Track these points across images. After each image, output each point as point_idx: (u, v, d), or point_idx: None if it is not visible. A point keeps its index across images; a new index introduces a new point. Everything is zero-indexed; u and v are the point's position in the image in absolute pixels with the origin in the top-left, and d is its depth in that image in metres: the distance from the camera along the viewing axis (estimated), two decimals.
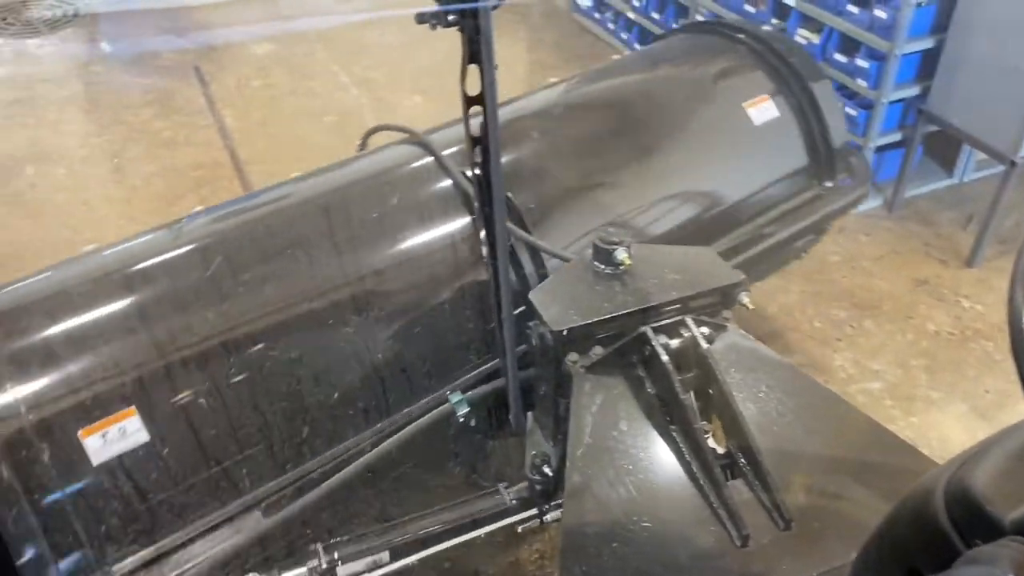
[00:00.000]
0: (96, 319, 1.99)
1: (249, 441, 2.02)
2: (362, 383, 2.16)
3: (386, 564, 2.04)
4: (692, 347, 1.85)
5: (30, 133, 5.17)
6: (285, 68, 5.95)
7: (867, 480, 1.75)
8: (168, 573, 1.92)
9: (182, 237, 2.23)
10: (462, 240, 2.32)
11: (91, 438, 1.83)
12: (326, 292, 2.15)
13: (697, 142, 2.81)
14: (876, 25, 4.00)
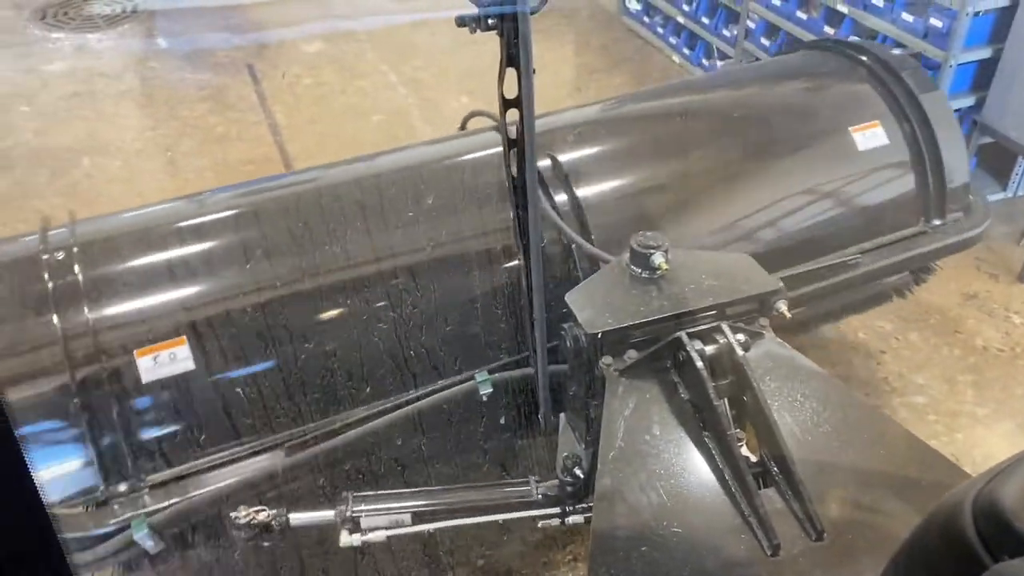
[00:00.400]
0: (166, 259, 2.23)
1: (281, 388, 2.18)
2: (395, 354, 2.26)
3: (406, 526, 2.10)
4: (727, 354, 1.84)
5: (88, 126, 5.31)
6: (335, 67, 6.03)
7: (904, 495, 1.72)
8: (192, 489, 2.08)
9: (253, 196, 2.49)
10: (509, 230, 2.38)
11: (144, 359, 2.05)
12: (376, 260, 2.30)
13: (792, 160, 2.75)
14: (931, 33, 3.93)
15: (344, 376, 2.23)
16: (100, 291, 2.11)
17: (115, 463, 2.05)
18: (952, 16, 3.80)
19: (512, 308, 2.32)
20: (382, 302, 2.25)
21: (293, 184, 2.63)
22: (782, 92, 2.98)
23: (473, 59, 6.00)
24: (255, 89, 5.77)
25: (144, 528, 1.99)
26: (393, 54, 6.23)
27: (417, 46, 6.35)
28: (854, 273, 2.66)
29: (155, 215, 2.43)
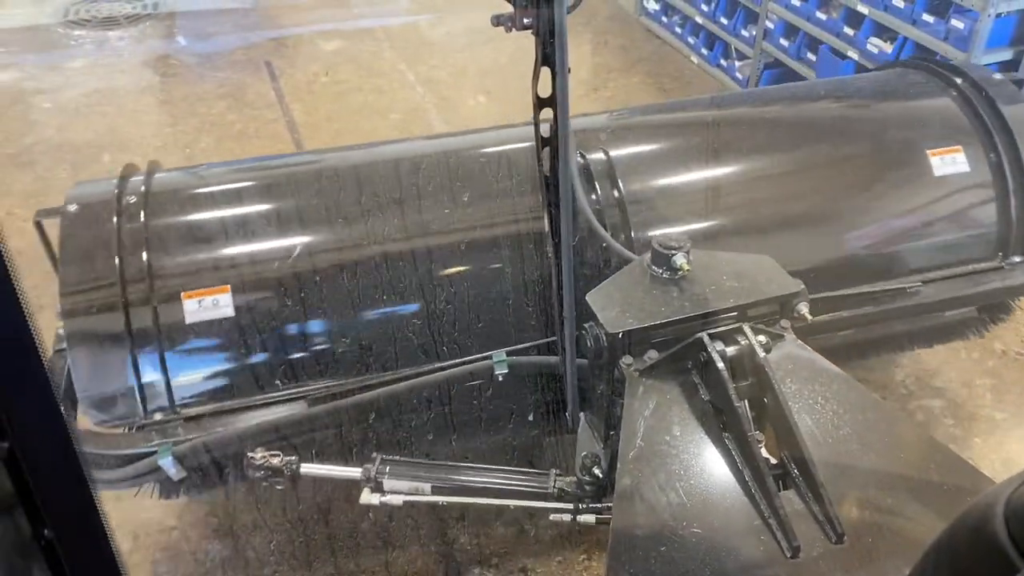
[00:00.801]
0: (221, 216, 2.42)
1: (311, 345, 2.32)
2: (421, 327, 2.36)
3: (424, 495, 2.20)
4: (748, 355, 1.84)
5: (108, 122, 5.35)
6: (353, 65, 6.05)
7: (924, 498, 1.72)
8: (218, 426, 2.23)
9: (312, 166, 2.68)
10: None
11: (189, 301, 2.23)
12: (413, 237, 2.41)
13: (858, 178, 2.66)
14: (952, 35, 3.91)
15: (370, 341, 2.34)
16: (160, 236, 2.31)
17: (154, 394, 2.23)
18: (974, 18, 3.78)
19: (540, 295, 2.38)
20: (414, 277, 2.36)
21: (351, 158, 2.76)
22: (859, 107, 2.89)
23: (490, 58, 6.01)
24: (273, 86, 5.80)
25: (168, 455, 2.14)
26: (410, 53, 6.24)
27: (434, 45, 6.37)
28: (912, 302, 2.56)
29: (221, 173, 2.65)
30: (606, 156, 2.54)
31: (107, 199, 2.34)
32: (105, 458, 2.17)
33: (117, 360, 2.20)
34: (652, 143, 2.73)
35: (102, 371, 2.22)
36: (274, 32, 6.60)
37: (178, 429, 2.22)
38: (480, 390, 2.38)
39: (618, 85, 5.80)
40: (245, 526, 2.83)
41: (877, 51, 4.32)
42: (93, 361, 2.21)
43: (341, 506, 2.89)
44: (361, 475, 2.17)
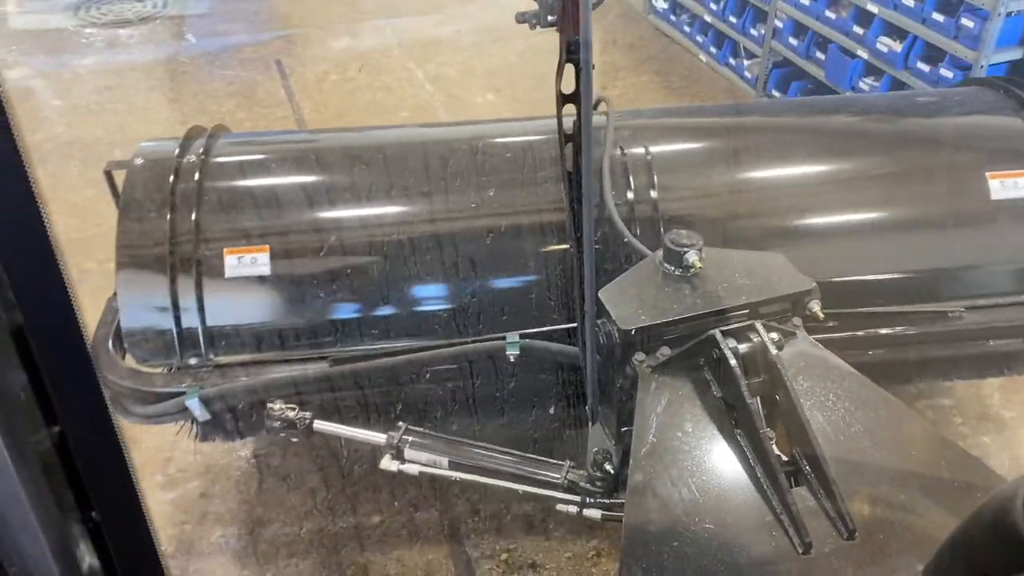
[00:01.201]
0: (269, 182, 2.57)
1: (338, 310, 2.45)
2: (444, 305, 2.47)
3: (440, 468, 2.30)
4: (761, 352, 1.85)
5: (119, 119, 5.38)
6: (362, 63, 6.07)
7: (935, 494, 1.73)
8: (245, 375, 2.38)
9: (360, 141, 2.82)
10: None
11: (231, 258, 2.38)
12: (448, 218, 2.51)
13: (908, 194, 2.59)
14: (962, 34, 3.90)
15: (393, 313, 2.45)
16: (210, 195, 2.47)
17: (190, 340, 2.39)
18: (984, 16, 3.78)
19: (565, 282, 2.42)
20: (442, 256, 2.45)
21: (397, 136, 2.87)
22: (918, 122, 2.82)
23: (498, 57, 6.02)
24: (283, 84, 5.82)
25: (195, 398, 2.30)
26: (418, 51, 6.25)
27: (442, 43, 6.38)
28: (952, 327, 2.47)
29: (275, 142, 2.85)
30: (646, 151, 2.54)
31: (168, 157, 2.50)
32: (142, 394, 2.35)
33: (160, 306, 2.36)
34: (691, 142, 2.71)
35: (146, 315, 2.38)
36: (283, 31, 6.62)
37: (208, 375, 2.38)
38: (498, 373, 2.45)
39: (627, 84, 5.80)
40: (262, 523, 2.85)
41: (887, 50, 4.32)
42: (139, 305, 2.39)
43: (350, 507, 2.91)
44: (385, 441, 2.29)
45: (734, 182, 2.59)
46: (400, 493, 2.92)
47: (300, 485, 2.97)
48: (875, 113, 2.94)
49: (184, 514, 2.88)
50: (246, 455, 3.09)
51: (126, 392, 2.36)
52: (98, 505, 0.47)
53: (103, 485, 0.46)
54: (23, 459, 0.41)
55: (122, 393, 2.37)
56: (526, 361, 2.38)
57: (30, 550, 0.43)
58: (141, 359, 2.44)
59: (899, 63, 4.26)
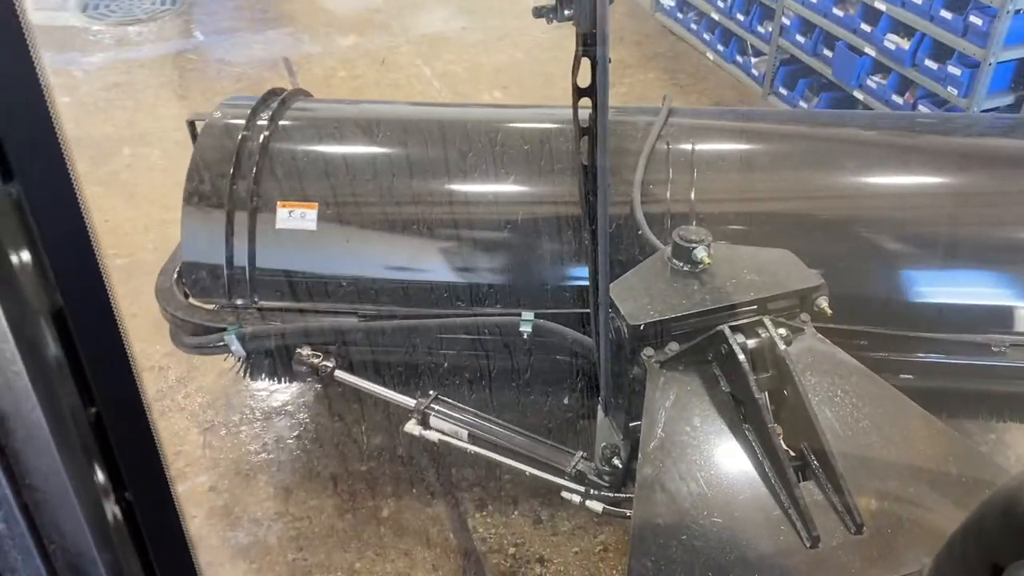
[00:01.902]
0: (325, 147, 2.75)
1: (371, 271, 2.61)
2: (474, 282, 2.58)
3: (459, 439, 2.43)
4: (769, 348, 1.86)
5: (128, 116, 5.40)
6: (370, 60, 6.08)
7: (942, 489, 1.74)
8: (279, 319, 2.59)
9: (415, 114, 2.96)
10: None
11: (282, 210, 2.56)
12: (490, 198, 2.64)
13: (960, 212, 2.49)
14: (970, 31, 3.90)
15: (423, 279, 2.59)
16: (272, 152, 2.65)
17: (238, 283, 2.59)
18: (992, 14, 3.77)
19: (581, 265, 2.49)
20: (476, 231, 2.61)
21: (455, 114, 3.00)
22: (992, 144, 2.71)
23: (506, 54, 6.03)
24: (291, 81, 5.83)
25: (233, 335, 2.52)
26: (427, 48, 6.26)
27: (450, 40, 6.39)
28: (993, 362, 2.35)
29: (339, 110, 3.00)
30: (691, 149, 2.56)
31: (242, 114, 2.71)
32: (191, 326, 2.60)
33: (215, 248, 2.57)
34: (740, 144, 2.68)
35: (203, 253, 2.61)
36: (291, 28, 6.63)
37: (250, 316, 2.60)
38: (513, 351, 2.58)
39: (634, 81, 5.80)
40: None
41: (894, 47, 4.32)
42: (197, 245, 2.63)
43: (358, 502, 2.93)
44: (414, 407, 2.45)
45: (777, 188, 2.56)
46: (408, 490, 2.94)
47: (309, 481, 2.99)
48: (934, 131, 2.84)
49: (194, 508, 2.90)
50: (254, 449, 3.11)
51: (179, 323, 2.61)
52: (131, 485, 0.48)
53: (135, 466, 0.48)
54: (64, 439, 0.43)
55: (177, 324, 2.63)
56: (543, 343, 2.47)
57: (68, 526, 0.44)
58: (196, 294, 2.65)
59: (907, 61, 4.25)
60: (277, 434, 3.17)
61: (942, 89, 4.12)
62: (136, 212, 4.46)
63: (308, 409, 3.28)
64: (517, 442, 2.37)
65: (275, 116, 2.72)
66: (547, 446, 2.34)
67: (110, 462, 0.48)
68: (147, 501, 0.49)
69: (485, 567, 2.71)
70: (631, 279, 2.03)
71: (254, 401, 3.31)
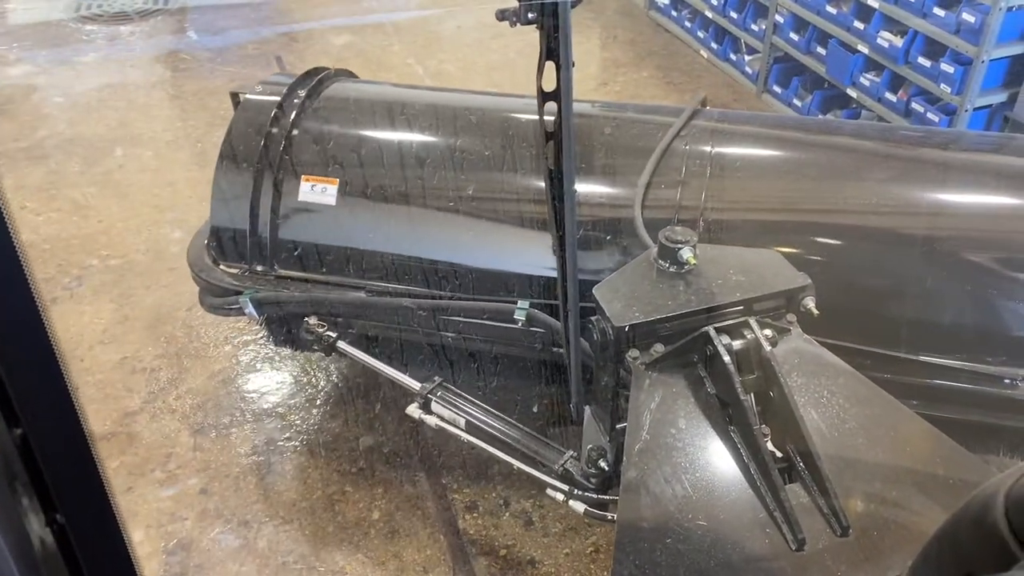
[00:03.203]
0: (351, 129, 2.84)
1: (384, 249, 2.68)
2: (481, 269, 2.62)
3: (456, 427, 2.47)
4: (755, 349, 1.85)
5: (120, 116, 5.38)
6: (363, 59, 6.06)
7: (929, 491, 1.73)
8: (292, 287, 2.71)
9: (443, 100, 3.02)
10: None
11: (305, 184, 2.71)
12: (504, 190, 2.67)
13: (972, 233, 2.41)
14: (963, 28, 3.89)
15: (432, 261, 2.66)
16: (302, 129, 2.78)
17: (260, 250, 2.74)
18: (985, 11, 3.76)
19: None
20: (483, 219, 2.66)
21: (481, 102, 3.00)
22: (1010, 162, 2.61)
23: (499, 53, 6.01)
24: None
25: (248, 299, 2.65)
26: (419, 47, 6.25)
27: (443, 39, 6.37)
28: (1001, 393, 2.26)
29: (372, 92, 3.10)
30: (711, 150, 2.55)
31: (280, 91, 2.83)
32: (213, 287, 2.74)
33: (241, 215, 2.71)
34: (759, 149, 2.67)
35: (230, 217, 2.75)
36: (284, 27, 6.62)
37: (268, 282, 2.73)
38: (512, 340, 2.63)
39: (627, 79, 5.79)
40: None
41: (887, 44, 4.31)
42: (225, 211, 2.77)
43: (348, 504, 2.92)
44: (419, 390, 2.51)
45: (791, 198, 2.53)
46: (399, 492, 2.93)
47: (299, 483, 2.98)
48: (966, 148, 2.75)
49: (185, 510, 2.89)
50: (245, 451, 3.10)
51: (204, 285, 2.76)
52: (63, 507, 0.47)
53: (69, 486, 0.46)
54: None
55: (202, 285, 2.78)
56: (537, 335, 2.52)
57: None
58: (221, 257, 2.80)
59: (900, 58, 4.24)
60: (268, 436, 3.16)
61: (935, 86, 4.11)
62: (129, 213, 4.45)
63: (298, 411, 3.27)
64: (511, 435, 2.38)
65: (310, 94, 2.85)
66: (539, 442, 2.35)
67: (39, 485, 0.47)
68: (83, 522, 0.48)
69: (476, 569, 2.70)
70: (617, 280, 2.01)
71: (244, 403, 3.30)
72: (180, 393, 3.35)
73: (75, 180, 4.73)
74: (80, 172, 4.81)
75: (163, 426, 3.21)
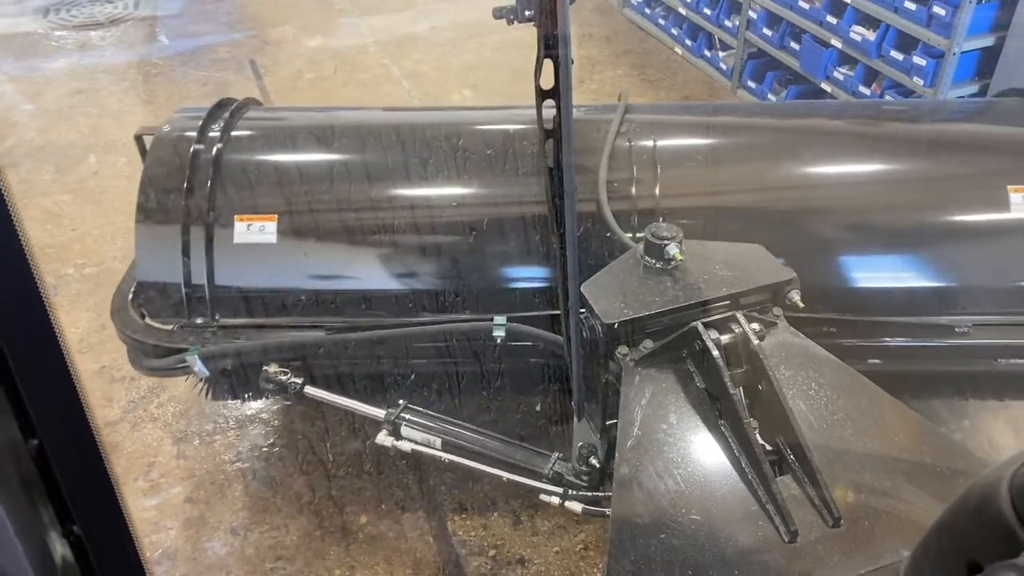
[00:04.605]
0: (282, 157, 2.66)
1: (337, 283, 2.54)
2: (441, 289, 2.52)
3: (433, 448, 2.38)
4: (742, 343, 1.86)
5: (93, 122, 5.31)
6: (338, 61, 6.03)
7: (918, 480, 1.74)
8: (245, 336, 2.49)
9: (371, 119, 2.89)
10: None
11: (240, 224, 2.48)
12: (450, 202, 2.55)
13: (921, 203, 2.51)
14: (934, 22, 3.94)
15: (390, 289, 2.52)
16: (227, 165, 2.56)
17: (198, 301, 2.49)
18: (955, 4, 3.81)
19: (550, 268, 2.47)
20: (439, 236, 2.53)
21: (411, 118, 2.92)
22: (944, 131, 2.74)
23: (474, 53, 6.00)
24: (257, 84, 5.77)
25: (196, 354, 2.41)
26: (394, 48, 6.23)
27: (418, 40, 6.35)
28: (958, 342, 2.39)
29: (295, 118, 2.92)
30: (653, 145, 2.55)
31: (193, 126, 2.61)
32: (151, 348, 2.49)
33: (172, 266, 2.47)
34: (700, 139, 2.69)
35: (159, 272, 2.51)
36: (256, 30, 6.57)
37: (212, 334, 2.49)
38: (486, 356, 2.52)
39: (603, 77, 5.81)
40: None
41: (860, 39, 4.35)
42: (152, 264, 2.52)
43: (336, 509, 2.90)
44: (384, 417, 2.39)
45: (740, 181, 2.57)
46: (387, 495, 2.92)
47: (285, 488, 2.96)
48: (897, 118, 2.86)
49: (169, 519, 2.86)
50: (229, 458, 3.07)
51: (138, 345, 2.50)
52: (79, 518, 0.46)
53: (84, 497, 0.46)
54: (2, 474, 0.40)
55: (135, 346, 2.52)
56: (517, 347, 2.43)
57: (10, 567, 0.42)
58: (154, 315, 2.55)
59: (872, 52, 4.29)
60: (252, 442, 3.13)
61: (908, 79, 4.15)
62: (103, 220, 4.39)
63: (282, 416, 3.24)
64: (492, 447, 2.34)
65: (227, 127, 2.64)
66: (523, 450, 2.32)
67: (55, 496, 0.46)
68: (99, 533, 0.47)
69: (466, 570, 2.69)
70: (604, 278, 2.02)
71: (227, 409, 3.27)
72: (162, 401, 3.31)
73: (47, 188, 4.66)
74: (52, 180, 4.75)
75: (145, 435, 3.18)
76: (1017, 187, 2.43)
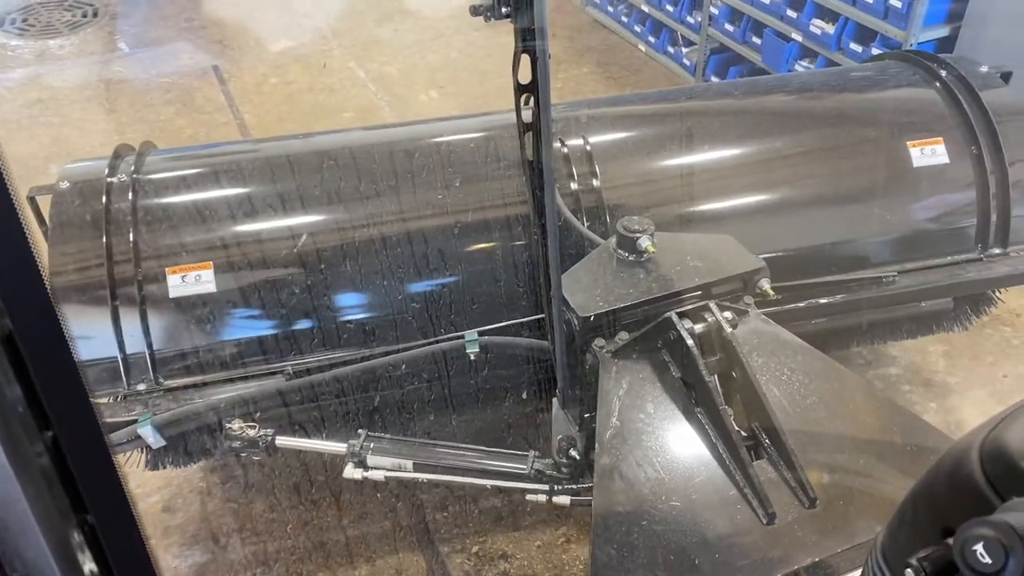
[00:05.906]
0: (207, 197, 2.47)
1: (290, 322, 2.38)
2: (398, 306, 2.41)
3: (406, 471, 2.28)
4: (716, 331, 1.90)
5: (53, 132, 5.24)
6: (302, 65, 6.00)
7: (889, 459, 1.79)
8: (198, 397, 2.28)
9: (298, 148, 2.72)
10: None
11: (174, 276, 2.30)
12: (392, 220, 2.45)
13: (832, 166, 2.68)
14: (891, 14, 4.02)
15: (346, 320, 2.40)
16: (147, 214, 2.37)
17: (137, 366, 2.28)
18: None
19: (528, 275, 2.43)
20: (392, 258, 2.42)
21: (336, 141, 2.80)
22: (839, 97, 2.92)
23: (440, 54, 6.01)
24: (222, 90, 5.72)
25: (148, 424, 2.20)
26: (359, 50, 6.21)
27: (382, 42, 6.34)
28: (888, 291, 2.58)
29: (209, 155, 2.74)
30: (584, 142, 2.57)
31: (98, 178, 2.41)
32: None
33: (102, 333, 2.26)
34: (630, 130, 2.75)
35: (88, 344, 2.29)
36: (218, 35, 6.51)
37: (159, 400, 2.27)
38: (457, 372, 2.46)
39: (568, 76, 5.84)
40: None
41: (820, 32, 4.43)
42: (79, 334, 2.30)
43: (315, 513, 2.90)
44: (346, 450, 2.25)
45: (672, 166, 2.65)
46: (370, 496, 2.92)
47: (264, 495, 2.95)
48: (800, 91, 3.05)
49: (148, 529, 2.83)
50: (208, 465, 3.05)
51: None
52: (92, 508, 0.47)
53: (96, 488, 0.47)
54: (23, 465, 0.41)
55: None
56: (488, 357, 2.39)
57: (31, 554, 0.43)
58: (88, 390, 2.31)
59: (832, 44, 4.36)
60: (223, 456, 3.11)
61: None
62: None
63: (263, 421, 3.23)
64: (467, 458, 2.28)
65: (137, 173, 2.45)
66: (499, 454, 2.28)
67: (70, 485, 0.47)
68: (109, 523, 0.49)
69: (449, 567, 2.71)
70: (578, 272, 2.05)
71: None
72: None
73: None
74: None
75: None
76: (915, 142, 2.66)
